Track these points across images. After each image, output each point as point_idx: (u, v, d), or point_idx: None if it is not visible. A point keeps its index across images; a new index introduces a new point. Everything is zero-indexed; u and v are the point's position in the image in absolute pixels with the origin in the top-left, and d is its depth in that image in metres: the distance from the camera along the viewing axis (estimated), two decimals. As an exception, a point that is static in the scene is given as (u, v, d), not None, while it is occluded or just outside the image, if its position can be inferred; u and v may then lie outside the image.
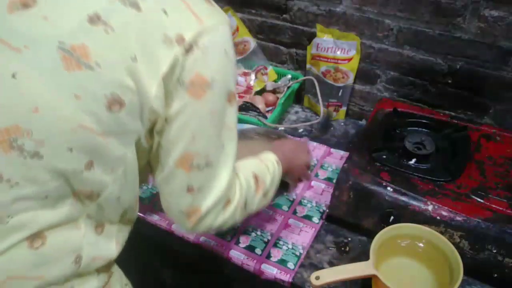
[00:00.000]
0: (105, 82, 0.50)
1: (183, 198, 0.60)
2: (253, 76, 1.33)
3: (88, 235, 0.59)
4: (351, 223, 0.95)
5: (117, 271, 0.68)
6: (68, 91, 0.49)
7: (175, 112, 0.54)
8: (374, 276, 0.76)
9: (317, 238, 0.96)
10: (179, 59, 0.51)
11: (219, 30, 0.54)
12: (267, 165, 0.75)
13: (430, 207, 0.85)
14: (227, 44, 0.56)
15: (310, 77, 1.29)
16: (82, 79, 0.49)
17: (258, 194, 0.70)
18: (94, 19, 0.48)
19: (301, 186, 1.08)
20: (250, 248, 0.94)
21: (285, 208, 1.03)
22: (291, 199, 1.05)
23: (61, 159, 0.51)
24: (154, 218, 1.01)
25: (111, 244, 0.63)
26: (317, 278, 0.76)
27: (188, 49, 0.51)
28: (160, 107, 0.53)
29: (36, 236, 0.53)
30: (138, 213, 1.02)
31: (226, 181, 0.61)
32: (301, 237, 0.96)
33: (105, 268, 0.64)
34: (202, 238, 0.96)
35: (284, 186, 0.88)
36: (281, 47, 1.36)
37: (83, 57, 0.48)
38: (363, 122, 1.32)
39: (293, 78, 1.34)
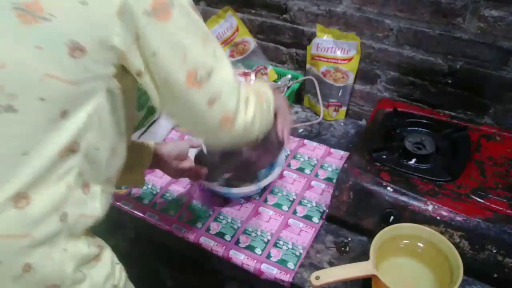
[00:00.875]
0: (61, 30, 0.52)
1: (210, 113, 0.61)
2: (253, 76, 1.33)
3: (74, 194, 0.60)
4: (351, 223, 0.95)
5: (108, 249, 0.69)
6: (29, 43, 0.51)
7: (157, 43, 0.55)
8: (374, 276, 0.76)
9: (317, 238, 0.96)
10: None
11: None
12: (264, 88, 0.76)
13: (430, 207, 0.85)
14: None
15: (310, 77, 1.29)
16: (41, 31, 0.51)
17: (262, 100, 0.71)
18: None
19: (301, 184, 1.08)
20: (250, 248, 0.94)
21: (285, 208, 1.03)
22: (291, 199, 1.05)
23: (35, 110, 0.53)
24: (154, 218, 1.01)
25: (96, 203, 0.64)
26: (317, 278, 0.76)
27: None
28: (124, 44, 0.54)
29: (20, 196, 0.54)
30: (138, 213, 1.02)
31: (232, 78, 0.62)
32: (301, 237, 0.96)
33: (94, 240, 0.66)
34: (202, 238, 0.96)
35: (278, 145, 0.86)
36: (281, 47, 1.36)
37: (38, 11, 0.50)
38: (363, 122, 1.32)
39: (293, 78, 1.34)
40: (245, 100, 0.65)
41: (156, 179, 1.12)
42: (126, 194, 1.07)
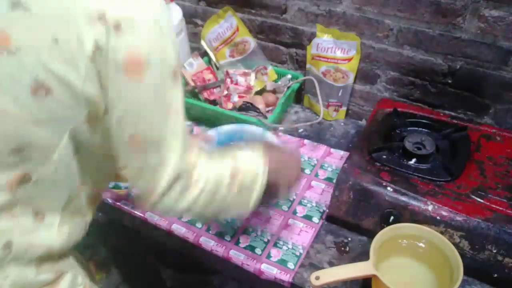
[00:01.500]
0: (27, 66, 0.49)
1: (138, 178, 0.59)
2: (253, 76, 1.33)
3: (23, 222, 0.59)
4: (351, 223, 0.95)
5: (69, 274, 0.67)
6: None
7: (114, 96, 0.52)
8: (374, 276, 0.76)
9: (317, 238, 0.96)
10: (104, 38, 0.48)
11: (150, 5, 0.51)
12: (252, 165, 0.69)
13: (430, 207, 0.85)
14: (161, 19, 0.52)
15: (310, 77, 1.29)
16: (4, 64, 0.49)
17: (233, 187, 0.65)
18: (15, 4, 0.48)
19: (301, 184, 1.08)
20: (250, 248, 0.94)
21: (285, 208, 1.03)
22: (291, 199, 1.05)
23: None
24: (154, 218, 1.01)
25: (50, 232, 0.62)
26: (317, 278, 0.76)
27: (115, 27, 0.48)
28: (93, 91, 0.51)
29: None
30: (139, 213, 1.02)
31: (176, 163, 0.58)
32: (301, 237, 0.96)
33: (50, 267, 0.64)
34: (202, 238, 0.96)
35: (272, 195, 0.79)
36: (281, 47, 1.36)
37: (3, 42, 0.48)
38: (363, 122, 1.32)
39: (293, 78, 1.34)
40: (185, 186, 0.60)
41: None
42: (126, 195, 1.07)
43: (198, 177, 0.61)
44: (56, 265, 0.65)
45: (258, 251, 0.93)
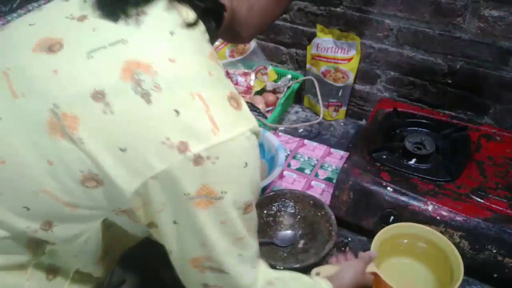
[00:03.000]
0: (83, 159, 0.46)
1: (198, 286, 0.57)
2: (253, 76, 1.33)
3: (33, 281, 0.57)
4: (351, 223, 0.95)
5: None
6: (42, 153, 0.47)
7: (182, 218, 0.49)
8: (374, 274, 0.76)
9: (317, 238, 0.96)
10: (179, 167, 0.45)
11: (239, 142, 0.47)
12: None
13: (430, 207, 0.85)
14: (248, 156, 0.49)
15: (310, 77, 1.29)
16: (61, 148, 0.46)
17: None
18: (98, 95, 0.45)
19: (301, 184, 1.08)
20: (250, 248, 0.94)
21: (285, 208, 1.03)
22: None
23: (14, 215, 0.50)
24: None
25: None
26: (317, 274, 0.76)
27: (194, 160, 0.45)
28: (138, 206, 0.49)
29: None
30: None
31: (245, 283, 0.56)
32: (301, 237, 0.96)
33: None
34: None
35: None
36: (281, 47, 1.36)
37: (70, 128, 0.45)
38: (363, 122, 1.32)
39: (293, 78, 1.34)
40: None
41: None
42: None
43: None
44: None
45: (258, 251, 0.93)
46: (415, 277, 0.83)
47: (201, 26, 0.52)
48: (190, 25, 0.50)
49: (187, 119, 0.45)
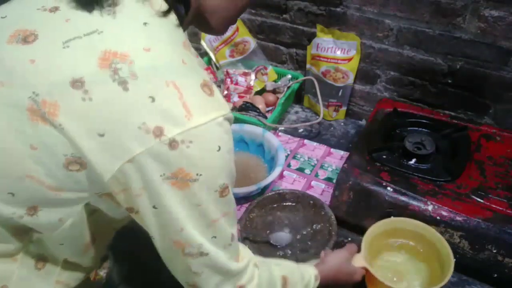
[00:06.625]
0: (65, 144, 0.48)
1: (184, 275, 0.58)
2: (253, 76, 1.33)
3: (22, 269, 0.58)
4: (351, 223, 0.95)
5: None
6: (25, 139, 0.48)
7: (159, 201, 0.50)
8: (365, 269, 0.77)
9: (317, 238, 0.96)
10: (155, 151, 0.47)
11: (212, 127, 0.49)
12: (303, 274, 0.71)
13: (430, 207, 0.85)
14: (221, 140, 0.51)
15: (310, 77, 1.29)
16: (43, 133, 0.47)
17: None
18: (77, 83, 0.46)
19: (301, 184, 1.08)
20: (250, 248, 0.94)
21: (285, 208, 1.03)
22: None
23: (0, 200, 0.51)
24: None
25: (48, 282, 0.62)
26: None
27: (169, 144, 0.47)
28: (117, 189, 0.50)
29: None
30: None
31: (225, 265, 0.57)
32: (301, 237, 0.96)
33: None
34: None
35: None
36: (281, 47, 1.36)
37: (50, 114, 0.47)
38: (363, 122, 1.32)
39: (293, 78, 1.34)
40: (237, 287, 0.59)
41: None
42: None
43: (247, 281, 0.60)
44: None
45: (258, 251, 0.93)
46: (406, 271, 0.83)
47: (173, 16, 0.53)
48: (163, 14, 0.52)
49: (162, 105, 0.47)
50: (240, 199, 1.05)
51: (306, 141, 1.23)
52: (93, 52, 0.47)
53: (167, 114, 0.47)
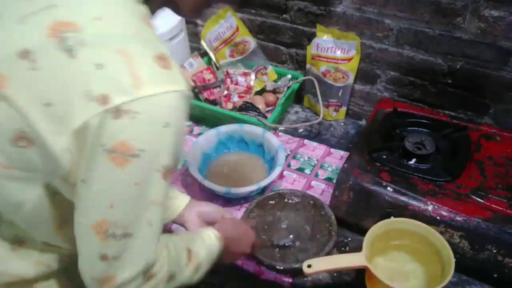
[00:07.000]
0: (13, 117, 0.47)
1: (95, 264, 0.54)
2: (253, 76, 1.33)
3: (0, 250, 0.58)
4: (351, 223, 0.95)
5: None
6: None
7: (93, 174, 0.49)
8: (366, 268, 0.77)
9: (317, 238, 0.96)
10: (98, 120, 0.46)
11: (162, 100, 0.47)
12: (202, 237, 0.72)
13: (430, 207, 0.85)
14: (170, 116, 0.48)
15: (310, 77, 1.29)
16: None
17: (189, 268, 0.66)
18: (24, 54, 0.46)
19: (301, 184, 1.08)
20: (250, 248, 0.94)
21: (285, 208, 1.03)
22: (291, 199, 1.04)
23: None
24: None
25: (26, 263, 0.62)
26: (309, 266, 0.77)
27: (114, 113, 0.46)
28: (69, 162, 0.49)
29: None
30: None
31: (147, 255, 0.56)
32: (301, 237, 0.96)
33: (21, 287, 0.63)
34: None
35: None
36: (281, 47, 1.36)
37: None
38: (363, 122, 1.32)
39: (293, 78, 1.34)
40: (148, 276, 0.57)
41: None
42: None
43: (159, 267, 0.59)
44: (28, 286, 0.65)
45: (258, 251, 0.93)
46: (407, 271, 0.83)
47: None
48: None
49: (109, 73, 0.46)
50: (240, 199, 1.06)
51: (306, 141, 1.23)
52: (44, 24, 0.47)
53: (113, 82, 0.46)
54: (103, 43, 0.47)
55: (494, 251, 0.80)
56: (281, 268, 0.87)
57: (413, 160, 0.95)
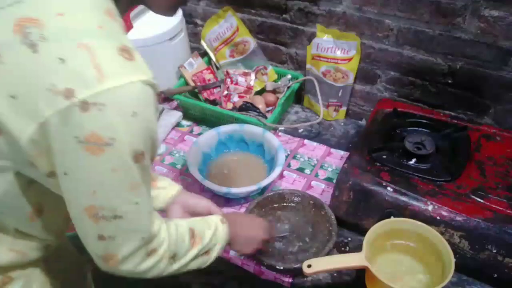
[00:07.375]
0: None
1: (96, 244, 0.58)
2: (253, 76, 1.33)
3: None
4: (351, 223, 0.95)
5: (23, 281, 0.67)
6: None
7: (72, 165, 0.51)
8: (367, 268, 0.77)
9: (317, 238, 0.96)
10: (64, 114, 0.47)
11: (127, 90, 0.49)
12: (208, 222, 0.74)
13: (430, 207, 0.85)
14: (138, 105, 0.50)
15: (310, 77, 1.29)
16: None
17: (193, 249, 0.68)
18: None
19: (301, 184, 1.08)
20: (250, 248, 0.94)
21: (285, 208, 1.03)
22: (291, 199, 1.04)
23: None
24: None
25: (0, 249, 0.63)
26: (309, 266, 0.77)
27: (81, 106, 0.47)
28: (35, 154, 0.51)
29: None
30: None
31: (142, 231, 0.59)
32: (301, 237, 0.96)
33: None
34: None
35: None
36: (281, 47, 1.36)
37: None
38: (363, 122, 1.32)
39: (293, 78, 1.34)
40: (150, 250, 0.61)
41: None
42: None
43: (161, 243, 0.63)
44: (3, 273, 0.65)
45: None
46: (407, 271, 0.83)
47: None
48: None
49: (72, 67, 0.47)
50: (240, 199, 1.06)
51: (306, 141, 1.23)
52: (10, 20, 0.49)
53: (77, 76, 0.47)
54: (64, 38, 0.48)
55: (494, 251, 0.80)
56: (281, 268, 0.87)
57: (413, 160, 0.95)
